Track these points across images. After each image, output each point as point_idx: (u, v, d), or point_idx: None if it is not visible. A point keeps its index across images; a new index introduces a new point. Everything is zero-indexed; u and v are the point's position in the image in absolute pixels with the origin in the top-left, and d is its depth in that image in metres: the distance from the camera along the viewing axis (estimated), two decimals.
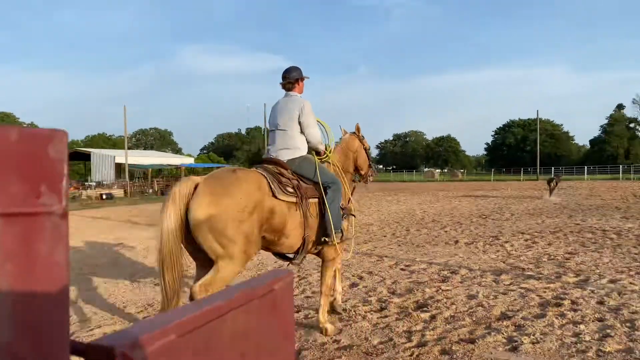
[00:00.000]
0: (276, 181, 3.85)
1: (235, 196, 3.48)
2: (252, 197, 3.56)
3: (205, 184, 3.51)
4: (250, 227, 3.52)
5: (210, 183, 3.54)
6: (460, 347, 3.86)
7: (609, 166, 55.78)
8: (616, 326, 4.22)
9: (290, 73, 4.48)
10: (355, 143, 5.16)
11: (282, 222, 3.81)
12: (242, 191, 3.54)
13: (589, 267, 6.68)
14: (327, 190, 4.18)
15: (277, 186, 3.81)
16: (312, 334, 4.36)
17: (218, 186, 3.53)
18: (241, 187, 3.56)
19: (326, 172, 4.35)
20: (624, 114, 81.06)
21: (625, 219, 12.38)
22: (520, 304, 5.02)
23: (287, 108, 4.37)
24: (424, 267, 7.11)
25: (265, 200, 3.68)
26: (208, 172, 17.53)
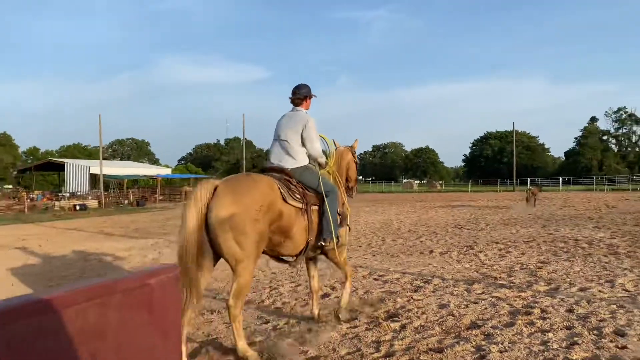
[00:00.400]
0: (285, 187, 4.15)
1: (254, 196, 3.77)
2: (267, 198, 3.86)
3: (225, 185, 3.76)
4: (263, 226, 3.81)
5: (230, 184, 3.81)
6: (429, 357, 3.81)
7: (583, 177, 56.87)
8: (584, 334, 4.21)
9: (300, 90, 4.76)
10: (348, 156, 5.49)
11: (289, 225, 4.10)
12: (259, 192, 3.84)
13: (560, 276, 6.71)
14: (325, 198, 4.44)
15: (286, 192, 4.11)
16: (280, 345, 4.26)
17: (238, 187, 3.82)
18: (258, 188, 3.87)
19: (326, 181, 4.62)
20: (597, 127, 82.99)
21: (597, 228, 12.55)
22: (490, 313, 5.00)
23: (292, 121, 4.64)
24: (398, 277, 7.07)
25: (277, 202, 3.96)
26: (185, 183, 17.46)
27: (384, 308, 5.37)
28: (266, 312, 5.50)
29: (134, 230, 16.95)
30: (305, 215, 4.26)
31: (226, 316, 5.29)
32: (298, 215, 4.19)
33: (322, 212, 4.43)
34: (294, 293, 6.35)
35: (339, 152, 5.42)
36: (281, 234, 4.09)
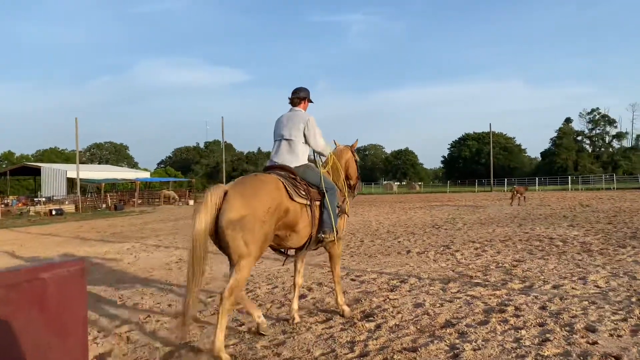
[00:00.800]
0: (291, 185, 4.37)
1: (262, 199, 3.99)
2: (275, 200, 4.08)
3: (235, 189, 3.96)
4: (270, 227, 4.04)
5: (239, 188, 4.01)
6: (402, 356, 3.80)
7: (558, 177, 57.79)
8: (556, 330, 4.26)
9: (300, 92, 5.01)
10: (347, 154, 5.67)
11: (294, 221, 4.35)
12: (267, 194, 4.05)
13: (535, 274, 6.79)
14: (325, 193, 4.69)
15: (292, 189, 4.34)
16: (253, 346, 4.22)
17: (247, 190, 4.01)
18: (266, 191, 4.08)
19: (326, 178, 4.85)
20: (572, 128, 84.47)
21: (571, 227, 12.76)
22: (465, 311, 5.02)
23: (292, 121, 4.83)
24: (374, 277, 7.07)
25: (283, 201, 4.19)
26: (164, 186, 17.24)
27: (360, 308, 5.36)
28: (242, 314, 5.44)
29: (111, 235, 16.69)
30: (309, 210, 4.51)
31: (201, 320, 5.25)
32: (303, 211, 4.44)
33: (323, 207, 4.67)
34: (270, 295, 6.30)
35: (338, 150, 5.62)
36: (287, 229, 4.35)
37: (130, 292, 6.97)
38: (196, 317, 4.50)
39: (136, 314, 5.73)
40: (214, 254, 4.35)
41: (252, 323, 4.95)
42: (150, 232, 16.75)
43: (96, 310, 6.00)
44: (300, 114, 4.89)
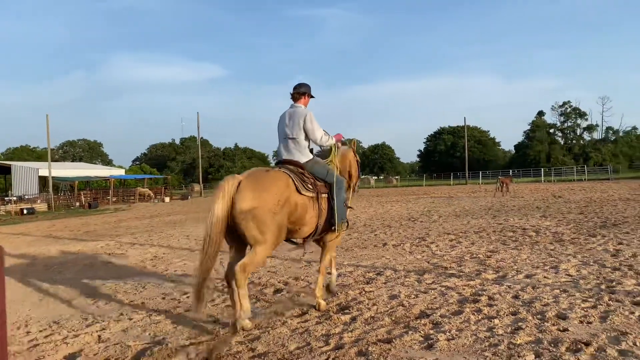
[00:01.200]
0: (299, 179, 4.67)
1: (272, 192, 4.30)
2: (284, 193, 4.39)
3: (246, 182, 4.25)
4: (282, 218, 4.35)
5: (251, 181, 4.28)
6: (377, 348, 3.80)
7: (532, 169, 58.76)
8: (528, 319, 4.31)
9: (301, 87, 5.22)
10: (350, 155, 5.94)
11: (303, 213, 4.63)
12: (277, 188, 4.36)
13: (508, 264, 6.88)
14: (333, 187, 4.99)
15: (300, 184, 4.63)
16: (228, 343, 4.17)
17: (258, 183, 4.30)
18: (276, 185, 4.38)
19: (332, 172, 5.12)
20: (544, 121, 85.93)
21: (544, 217, 12.98)
22: (439, 302, 5.06)
23: (293, 119, 5.06)
24: (351, 270, 7.08)
25: (292, 195, 4.49)
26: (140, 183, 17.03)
27: (336, 301, 5.36)
28: (216, 310, 5.39)
29: (84, 233, 16.39)
30: (316, 202, 4.78)
31: (174, 317, 5.19)
32: (310, 204, 4.73)
33: (333, 199, 4.97)
34: None
35: (343, 151, 5.83)
36: (297, 221, 4.62)
37: (103, 290, 6.84)
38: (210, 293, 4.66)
39: (109, 312, 5.63)
40: None
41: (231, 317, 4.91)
42: (125, 230, 16.51)
43: (67, 309, 5.88)
44: (300, 111, 5.09)
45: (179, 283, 7.04)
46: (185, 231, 14.87)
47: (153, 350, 4.11)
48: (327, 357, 3.70)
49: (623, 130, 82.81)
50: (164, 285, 6.97)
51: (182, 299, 6.02)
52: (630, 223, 10.69)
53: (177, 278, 7.41)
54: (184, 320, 5.07)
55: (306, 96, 5.26)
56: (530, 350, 3.56)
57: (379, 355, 3.65)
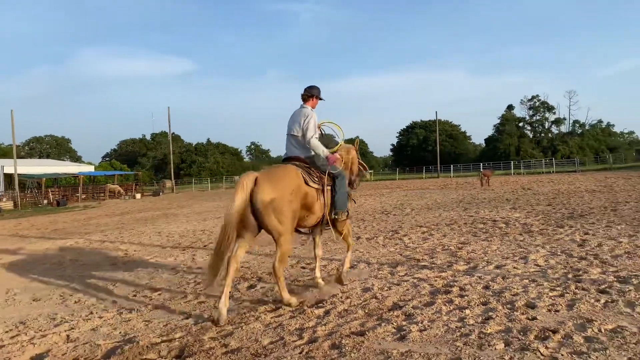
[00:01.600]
0: (306, 172, 5.13)
1: (286, 183, 4.78)
2: (296, 185, 4.87)
3: (263, 177, 4.71)
4: (296, 205, 4.85)
5: (267, 176, 4.76)
6: (350, 340, 3.82)
7: (502, 162, 59.71)
8: (498, 308, 4.39)
9: (311, 89, 5.62)
10: (352, 152, 6.36)
11: (311, 203, 5.11)
12: (290, 180, 4.85)
13: (479, 255, 6.99)
14: (336, 180, 5.43)
15: (307, 176, 5.10)
16: (200, 338, 4.13)
17: (273, 177, 4.79)
18: (289, 177, 4.88)
19: (335, 166, 5.49)
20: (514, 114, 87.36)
21: (513, 209, 13.23)
22: (412, 294, 5.11)
23: (297, 118, 5.46)
24: (325, 264, 7.09)
25: (302, 186, 4.97)
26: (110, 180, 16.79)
27: (309, 295, 5.36)
28: (189, 307, 5.33)
29: (52, 232, 16.02)
30: (322, 194, 5.25)
31: (145, 314, 5.12)
32: (317, 195, 5.19)
33: (335, 191, 5.38)
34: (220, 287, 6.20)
35: (346, 148, 6.24)
36: (305, 210, 5.09)
37: (72, 289, 6.70)
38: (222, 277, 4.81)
39: (78, 311, 5.51)
40: None
41: (204, 314, 4.88)
42: (95, 228, 16.19)
43: (34, 309, 5.74)
44: (304, 111, 5.49)
45: (150, 280, 6.94)
46: (156, 228, 14.67)
47: (124, 349, 4.04)
48: (301, 351, 3.69)
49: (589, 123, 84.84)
50: (135, 282, 6.86)
51: (154, 296, 5.93)
52: (596, 214, 10.99)
53: (149, 275, 7.30)
54: (156, 317, 4.99)
55: (314, 98, 5.64)
56: (500, 339, 3.62)
57: (352, 347, 3.67)
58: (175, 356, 3.84)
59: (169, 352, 3.93)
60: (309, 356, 3.59)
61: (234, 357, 3.67)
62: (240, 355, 3.70)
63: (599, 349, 3.34)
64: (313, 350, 3.68)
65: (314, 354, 3.62)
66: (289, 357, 3.59)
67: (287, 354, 3.66)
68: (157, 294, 6.03)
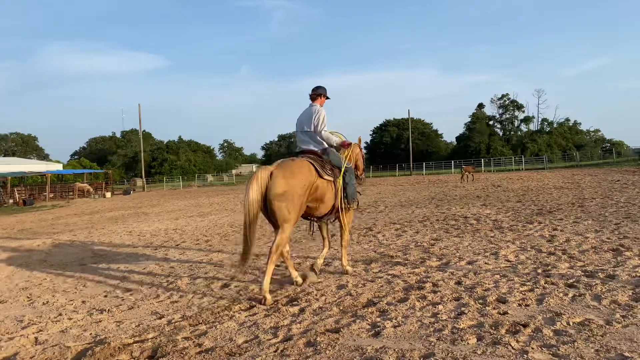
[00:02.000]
0: (320, 165, 5.51)
1: (299, 178, 5.17)
2: (308, 179, 5.27)
3: (277, 171, 5.13)
4: (305, 198, 5.24)
5: (281, 170, 5.15)
6: (325, 338, 3.82)
7: (473, 160, 60.69)
8: (470, 304, 4.46)
9: (318, 89, 6.11)
10: (357, 149, 6.75)
11: (322, 194, 5.51)
12: (303, 174, 5.23)
13: (451, 251, 7.09)
14: (346, 173, 5.87)
15: (321, 169, 5.48)
16: (174, 339, 4.08)
17: (287, 171, 5.15)
18: (302, 172, 5.25)
19: (345, 161, 6.02)
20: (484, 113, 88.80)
21: (484, 206, 13.45)
22: (386, 290, 5.15)
23: (308, 115, 5.94)
24: (300, 262, 7.09)
25: (314, 180, 5.36)
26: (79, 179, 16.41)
27: (284, 293, 5.36)
28: (162, 306, 5.26)
29: (19, 232, 15.58)
30: (333, 186, 5.65)
31: (117, 315, 5.03)
32: (329, 186, 5.59)
33: (346, 183, 5.84)
34: (192, 286, 6.14)
35: (351, 145, 6.54)
36: (317, 201, 5.49)
37: (40, 290, 6.54)
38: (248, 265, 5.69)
39: (47, 312, 5.38)
40: None
41: (177, 313, 4.83)
42: (64, 227, 15.82)
43: (0, 312, 5.58)
44: (314, 109, 5.95)
45: (121, 280, 6.82)
46: (127, 227, 14.43)
47: (94, 350, 3.96)
48: (276, 349, 3.68)
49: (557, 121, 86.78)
50: (106, 282, 6.74)
51: (125, 297, 5.83)
52: (563, 210, 11.26)
53: (120, 275, 7.17)
54: (128, 317, 4.91)
55: (322, 97, 6.12)
56: (472, 334, 3.68)
57: (327, 345, 3.67)
58: (148, 357, 3.78)
59: (141, 352, 3.87)
60: (284, 354, 3.58)
61: (208, 357, 3.64)
62: (215, 355, 3.67)
63: (567, 341, 3.43)
64: (288, 349, 3.67)
65: (289, 352, 3.61)
66: (264, 356, 3.57)
67: (262, 352, 3.64)
68: (129, 294, 5.93)
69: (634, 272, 5.20)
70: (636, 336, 3.45)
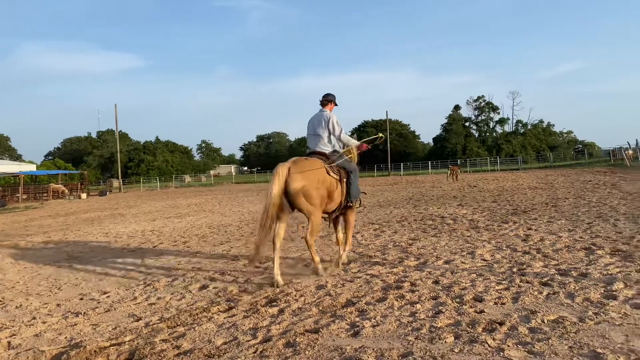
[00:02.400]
0: (328, 165, 6.04)
1: (314, 173, 5.74)
2: (322, 174, 5.84)
3: (296, 167, 5.67)
4: (323, 191, 5.82)
5: (298, 167, 5.68)
6: (305, 338, 3.83)
7: (449, 161, 61.36)
8: (448, 303, 4.52)
9: (328, 96, 6.67)
10: (354, 150, 7.09)
11: (332, 191, 6.02)
12: (317, 170, 5.80)
13: (428, 251, 7.16)
14: (351, 174, 6.36)
15: (330, 169, 6.01)
16: (151, 341, 4.04)
17: (304, 167, 5.70)
18: (316, 167, 5.82)
19: (350, 162, 6.59)
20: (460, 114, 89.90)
21: (461, 206, 13.63)
22: (365, 290, 5.18)
23: (320, 120, 6.48)
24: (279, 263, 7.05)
25: (326, 176, 5.91)
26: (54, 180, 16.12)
27: (264, 294, 5.34)
28: (139, 309, 5.20)
29: None
30: (340, 184, 6.14)
31: (93, 318, 4.96)
32: (337, 184, 6.09)
33: (350, 183, 6.29)
34: (170, 287, 6.08)
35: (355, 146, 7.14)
36: (327, 197, 5.94)
37: (13, 294, 6.40)
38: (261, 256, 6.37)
39: (20, 316, 5.27)
40: None
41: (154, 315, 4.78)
42: (38, 229, 15.50)
43: None
44: (325, 114, 6.48)
45: (97, 282, 6.72)
46: (104, 229, 14.21)
47: (70, 354, 3.89)
48: (255, 350, 3.68)
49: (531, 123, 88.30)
50: (81, 285, 6.63)
51: (102, 299, 5.75)
52: (538, 210, 11.47)
53: (96, 277, 7.07)
54: (104, 320, 4.84)
55: (331, 103, 6.66)
56: (450, 333, 3.73)
57: (306, 345, 3.68)
58: None
59: (118, 356, 3.82)
60: (263, 355, 3.58)
61: (187, 359, 3.61)
62: (193, 357, 3.64)
63: (542, 339, 3.50)
64: (267, 349, 3.67)
65: (268, 352, 3.61)
66: (243, 357, 3.56)
67: (241, 353, 3.63)
68: (106, 297, 5.85)
69: (605, 270, 5.33)
70: (608, 333, 3.54)
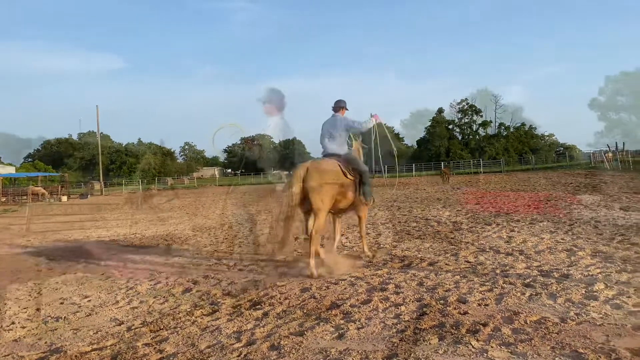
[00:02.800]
0: (344, 167, 6.40)
1: (330, 173, 6.20)
2: (337, 175, 6.27)
3: (313, 167, 6.18)
4: (334, 191, 6.20)
5: (315, 167, 6.19)
6: (289, 341, 3.82)
7: (433, 163, 61.87)
8: (432, 304, 4.54)
9: (340, 102, 7.10)
10: (358, 147, 7.73)
11: (346, 190, 6.39)
12: (333, 171, 6.26)
13: (413, 253, 7.20)
14: (363, 174, 6.68)
15: (346, 169, 6.38)
16: (134, 345, 3.99)
17: (321, 168, 6.19)
18: (332, 168, 6.27)
19: (362, 163, 7.04)
20: (444, 117, 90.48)
21: (444, 208, 13.72)
22: (349, 292, 5.18)
23: (335, 123, 6.90)
24: (263, 266, 7.05)
25: (341, 177, 6.30)
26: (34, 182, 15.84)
27: (247, 297, 5.31)
28: (121, 313, 5.13)
29: None
30: (354, 184, 6.50)
31: (74, 322, 4.89)
32: (351, 184, 6.45)
33: (364, 182, 6.62)
34: (153, 291, 6.01)
35: (355, 146, 7.67)
36: (341, 195, 6.36)
37: None
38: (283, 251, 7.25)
39: None
40: None
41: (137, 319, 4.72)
42: (17, 232, 15.22)
43: None
44: (339, 118, 6.93)
45: (78, 286, 6.62)
46: (85, 232, 14.02)
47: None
48: (239, 354, 3.65)
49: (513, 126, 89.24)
50: (62, 289, 6.52)
51: (83, 303, 5.66)
52: (520, 212, 11.59)
53: (77, 281, 6.96)
54: (85, 324, 4.77)
55: (343, 109, 7.08)
56: (434, 334, 3.75)
57: (291, 348, 3.67)
58: None
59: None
60: (247, 358, 3.55)
61: None
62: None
63: (525, 339, 3.53)
64: (252, 353, 3.64)
65: (252, 356, 3.59)
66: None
67: (225, 357, 3.61)
68: (87, 301, 5.76)
69: (586, 271, 5.41)
70: (589, 333, 3.59)
